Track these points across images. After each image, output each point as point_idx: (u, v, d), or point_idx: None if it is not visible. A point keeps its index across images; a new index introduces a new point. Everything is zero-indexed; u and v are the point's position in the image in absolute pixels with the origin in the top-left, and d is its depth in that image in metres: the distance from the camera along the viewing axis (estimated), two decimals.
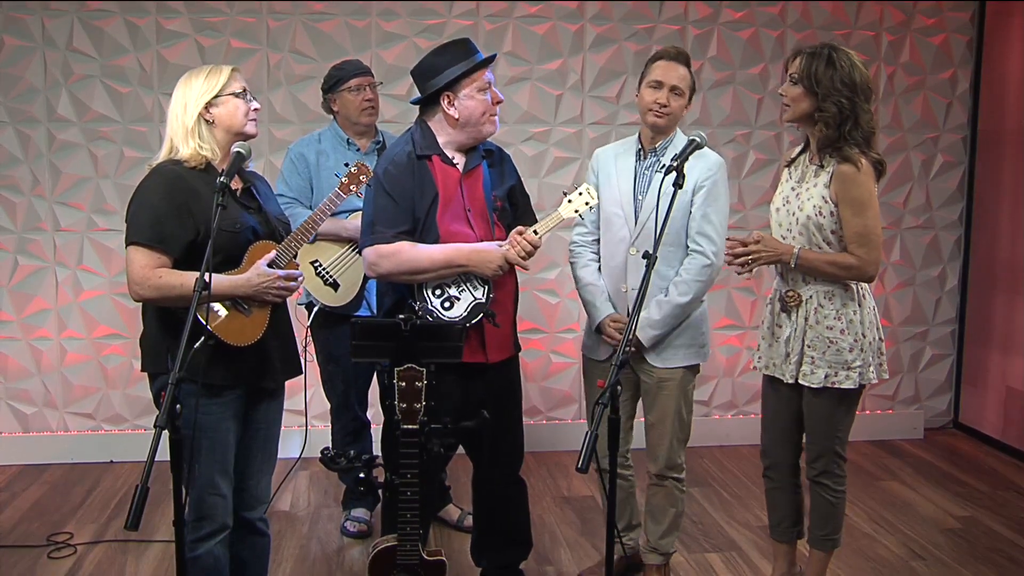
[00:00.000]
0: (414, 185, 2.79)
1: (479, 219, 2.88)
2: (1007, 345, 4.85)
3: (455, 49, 2.82)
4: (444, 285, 2.80)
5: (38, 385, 4.62)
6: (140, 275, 2.45)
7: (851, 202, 2.74)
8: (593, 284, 3.15)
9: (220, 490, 2.56)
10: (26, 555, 3.58)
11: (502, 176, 2.98)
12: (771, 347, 2.94)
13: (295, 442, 4.12)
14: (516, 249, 2.77)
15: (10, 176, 4.49)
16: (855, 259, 2.76)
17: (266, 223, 2.62)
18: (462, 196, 2.86)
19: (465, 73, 2.79)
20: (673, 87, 2.98)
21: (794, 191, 2.87)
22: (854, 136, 2.72)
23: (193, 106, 2.51)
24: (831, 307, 2.82)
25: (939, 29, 4.96)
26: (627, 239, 3.07)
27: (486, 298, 2.80)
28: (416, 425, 2.50)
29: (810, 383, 2.83)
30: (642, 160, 3.10)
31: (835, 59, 2.71)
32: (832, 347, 2.81)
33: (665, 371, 3.09)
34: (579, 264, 3.19)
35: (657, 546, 3.22)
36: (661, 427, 3.13)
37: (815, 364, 2.82)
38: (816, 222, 2.78)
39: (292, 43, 4.55)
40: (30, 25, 4.41)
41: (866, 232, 2.75)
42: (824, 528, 2.99)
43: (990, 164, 4.98)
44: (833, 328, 2.82)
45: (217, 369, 2.46)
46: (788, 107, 2.81)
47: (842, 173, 2.74)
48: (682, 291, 3.02)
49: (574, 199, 2.83)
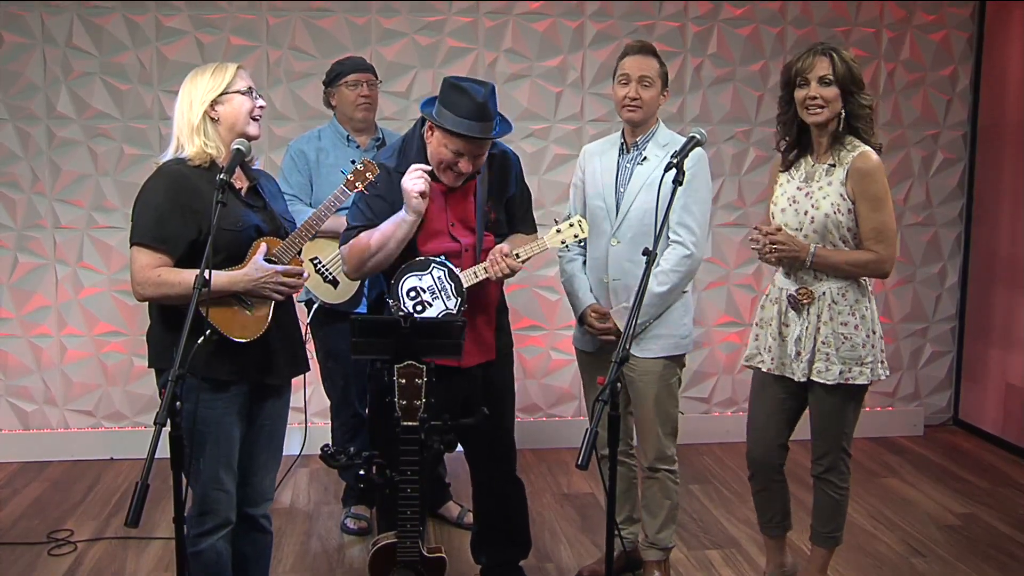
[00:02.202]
0: (396, 197, 2.78)
1: (464, 231, 2.87)
2: (1007, 342, 4.85)
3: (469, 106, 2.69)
4: (419, 289, 2.79)
5: (38, 382, 4.62)
6: (142, 275, 2.46)
7: (870, 198, 2.76)
8: (576, 275, 3.19)
9: (224, 485, 2.56)
10: (26, 552, 3.58)
11: (502, 184, 2.94)
12: (781, 346, 2.92)
13: (295, 439, 4.10)
14: (496, 268, 2.77)
15: (10, 173, 4.49)
16: (873, 255, 2.78)
17: (271, 221, 2.62)
18: (446, 210, 2.84)
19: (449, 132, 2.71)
20: (641, 78, 3.01)
21: (801, 191, 2.85)
22: (864, 126, 2.78)
23: (199, 103, 2.51)
24: (845, 303, 2.82)
25: (939, 26, 4.95)
26: (608, 231, 3.09)
27: (457, 310, 2.79)
28: (416, 422, 2.50)
29: (825, 380, 2.82)
30: (625, 154, 3.13)
31: (845, 56, 2.76)
32: (847, 343, 2.81)
33: (646, 362, 3.10)
34: (566, 258, 3.23)
35: (655, 541, 3.22)
36: (647, 419, 3.14)
37: (830, 361, 2.81)
38: (835, 220, 2.78)
39: (292, 40, 4.54)
40: (30, 22, 4.41)
41: (883, 228, 2.77)
42: (828, 525, 2.99)
43: (990, 161, 4.98)
44: (848, 324, 2.81)
45: (220, 364, 2.47)
46: (823, 108, 2.75)
47: (860, 170, 2.76)
48: (661, 281, 3.02)
49: (563, 230, 2.85)
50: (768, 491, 3.07)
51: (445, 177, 2.81)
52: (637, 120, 3.06)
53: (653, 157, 3.05)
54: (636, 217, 3.03)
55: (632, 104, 3.03)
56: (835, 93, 2.74)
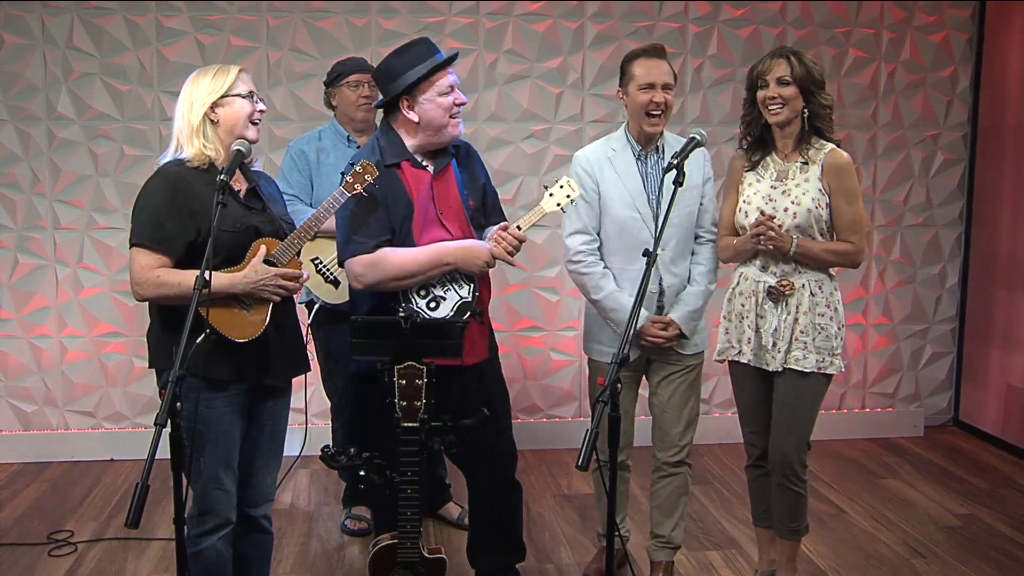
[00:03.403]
0: (385, 195, 2.76)
1: (454, 221, 2.84)
2: (1007, 342, 4.85)
3: (414, 50, 2.76)
4: (429, 286, 2.78)
5: (38, 383, 4.62)
6: (141, 276, 2.46)
7: (845, 192, 2.88)
8: (618, 291, 3.06)
9: (224, 485, 2.56)
10: (27, 553, 3.58)
11: (472, 175, 2.94)
12: (757, 338, 2.98)
13: (296, 440, 4.10)
14: (503, 245, 2.76)
15: (10, 174, 4.49)
16: (851, 245, 2.90)
17: (270, 223, 2.61)
18: (433, 200, 2.82)
19: (423, 77, 2.73)
20: (665, 84, 3.00)
21: (776, 188, 2.92)
22: (826, 125, 2.89)
23: (199, 105, 2.52)
24: (822, 295, 2.92)
25: (939, 26, 4.96)
26: (650, 241, 2.93)
27: (472, 296, 2.78)
28: (416, 423, 2.50)
29: (803, 367, 2.90)
30: (644, 160, 3.09)
31: (804, 59, 2.86)
32: (822, 333, 2.91)
33: (691, 357, 3.16)
34: (598, 273, 3.07)
35: (671, 539, 3.21)
36: (684, 414, 3.15)
37: (807, 350, 2.90)
38: (816, 214, 2.88)
39: (292, 41, 4.54)
40: (30, 23, 4.41)
41: (858, 219, 2.91)
42: (796, 520, 3.06)
43: (990, 161, 4.98)
44: (824, 315, 2.92)
45: (219, 364, 2.47)
46: (782, 107, 2.86)
47: (835, 166, 2.88)
48: (710, 279, 3.15)
49: (555, 192, 2.79)
50: (765, 479, 3.11)
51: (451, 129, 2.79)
52: (663, 127, 3.05)
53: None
54: (675, 224, 3.01)
55: (659, 112, 2.99)
56: (794, 92, 2.84)
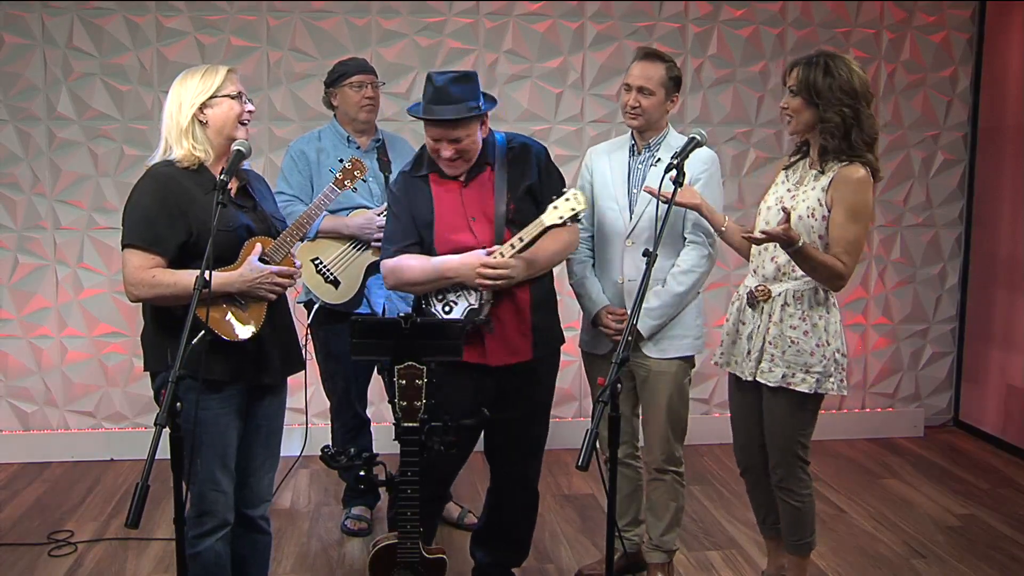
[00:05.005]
0: (410, 204, 2.85)
1: (484, 226, 2.83)
2: (1007, 343, 4.85)
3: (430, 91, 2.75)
4: (445, 291, 2.83)
5: (38, 383, 4.62)
6: (135, 276, 2.46)
7: (848, 207, 2.69)
8: (587, 277, 3.19)
9: (221, 486, 2.56)
10: (27, 553, 3.58)
11: (519, 175, 2.90)
12: (735, 344, 2.94)
13: (296, 440, 4.12)
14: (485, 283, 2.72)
15: (10, 174, 4.49)
16: (839, 265, 2.69)
17: (261, 221, 2.62)
18: (462, 206, 2.85)
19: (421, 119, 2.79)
20: (640, 87, 3.02)
21: (790, 192, 2.85)
22: (859, 142, 2.69)
23: (188, 106, 2.51)
24: (796, 308, 2.78)
25: (939, 27, 4.96)
26: (622, 232, 3.10)
27: (479, 304, 2.80)
28: (416, 423, 2.50)
29: (767, 381, 2.82)
30: (636, 155, 3.14)
31: (832, 67, 2.66)
32: (792, 347, 2.78)
33: (661, 362, 3.10)
34: (575, 260, 3.21)
35: (660, 543, 3.22)
36: (657, 420, 3.14)
37: (774, 362, 2.80)
38: (806, 223, 2.74)
39: (292, 41, 4.54)
40: (30, 23, 4.41)
41: (856, 241, 2.72)
42: (796, 534, 2.96)
43: (990, 161, 4.98)
44: (797, 328, 2.78)
45: (215, 364, 2.47)
46: (790, 119, 2.77)
47: (845, 176, 2.69)
48: (680, 281, 3.05)
49: (560, 205, 2.76)
50: (759, 488, 3.07)
51: (444, 168, 2.83)
52: (638, 127, 3.09)
53: (667, 159, 3.05)
54: (650, 218, 3.02)
55: (632, 112, 3.05)
56: (799, 103, 2.71)
